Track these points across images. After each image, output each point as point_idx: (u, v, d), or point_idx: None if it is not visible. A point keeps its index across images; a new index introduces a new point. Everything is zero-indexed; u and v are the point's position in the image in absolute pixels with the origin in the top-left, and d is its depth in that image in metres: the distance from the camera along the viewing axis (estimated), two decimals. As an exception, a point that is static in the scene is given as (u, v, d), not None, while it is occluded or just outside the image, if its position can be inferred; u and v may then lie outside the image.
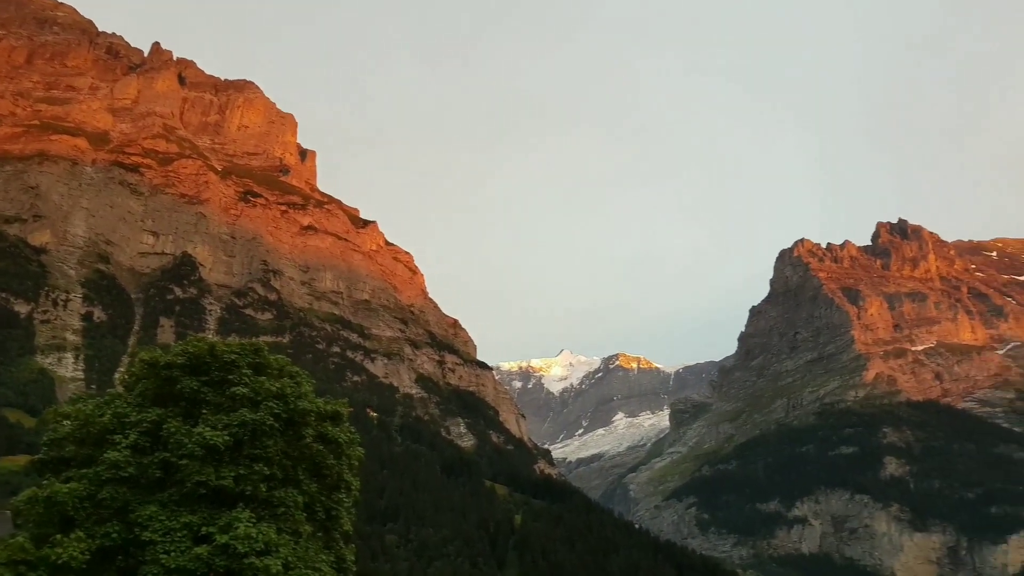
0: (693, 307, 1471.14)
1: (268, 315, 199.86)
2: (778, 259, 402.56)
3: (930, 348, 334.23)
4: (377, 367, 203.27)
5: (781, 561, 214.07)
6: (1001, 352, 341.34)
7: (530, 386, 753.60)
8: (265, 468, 26.71)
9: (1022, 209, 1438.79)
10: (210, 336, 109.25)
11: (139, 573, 24.47)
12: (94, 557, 24.38)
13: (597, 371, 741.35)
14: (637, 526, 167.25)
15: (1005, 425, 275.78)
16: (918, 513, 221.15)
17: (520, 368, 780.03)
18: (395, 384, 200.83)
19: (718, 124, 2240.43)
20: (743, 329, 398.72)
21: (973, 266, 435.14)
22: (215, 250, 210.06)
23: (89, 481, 25.72)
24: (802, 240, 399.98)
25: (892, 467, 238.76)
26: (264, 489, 26.62)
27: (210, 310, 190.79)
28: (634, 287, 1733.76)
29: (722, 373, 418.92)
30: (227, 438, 26.26)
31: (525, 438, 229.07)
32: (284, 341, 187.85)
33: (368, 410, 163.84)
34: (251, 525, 24.67)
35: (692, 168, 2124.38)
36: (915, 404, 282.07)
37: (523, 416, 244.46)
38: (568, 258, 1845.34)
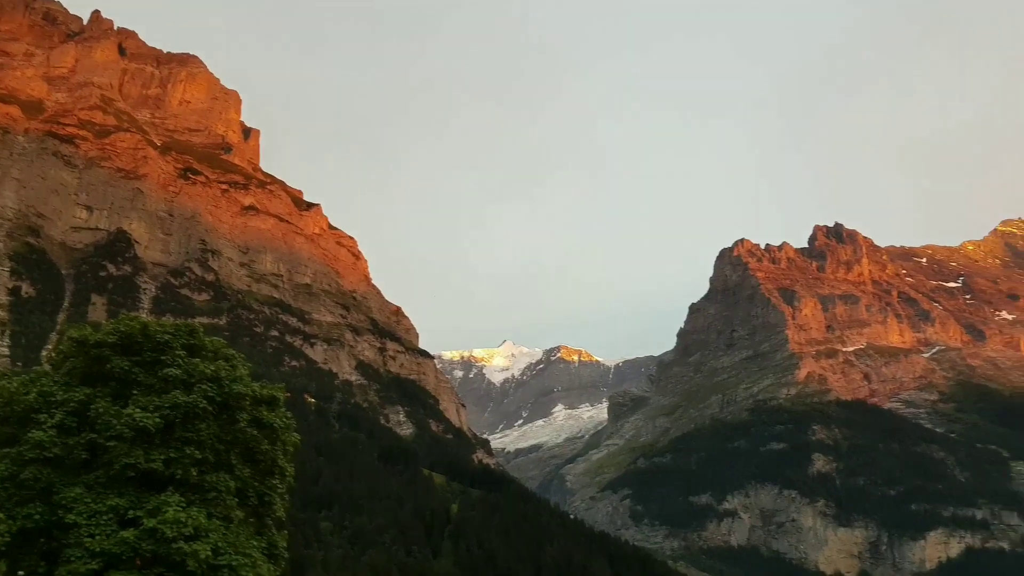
0: (635, 303, 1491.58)
1: (205, 296, 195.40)
2: (718, 258, 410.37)
3: (860, 349, 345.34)
4: (316, 352, 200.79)
5: (711, 553, 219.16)
6: (927, 355, 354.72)
7: (471, 376, 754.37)
8: (197, 452, 26.24)
9: (950, 218, 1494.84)
10: (144, 316, 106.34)
11: (62, 556, 23.84)
12: (15, 539, 23.67)
13: (539, 362, 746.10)
14: (572, 516, 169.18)
15: (927, 426, 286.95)
16: (843, 508, 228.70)
17: (462, 358, 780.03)
18: (334, 370, 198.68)
19: (667, 126, 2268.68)
20: (683, 325, 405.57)
21: (904, 271, 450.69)
22: (152, 227, 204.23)
23: (11, 461, 24.93)
24: (742, 240, 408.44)
25: (820, 464, 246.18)
26: (195, 473, 26.16)
27: (144, 289, 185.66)
28: (579, 280, 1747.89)
29: (660, 368, 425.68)
30: (158, 420, 25.72)
31: (465, 428, 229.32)
32: (221, 323, 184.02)
33: (306, 396, 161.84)
34: (180, 509, 24.24)
35: (639, 168, 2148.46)
36: (844, 403, 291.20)
37: (463, 406, 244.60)
38: (514, 249, 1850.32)
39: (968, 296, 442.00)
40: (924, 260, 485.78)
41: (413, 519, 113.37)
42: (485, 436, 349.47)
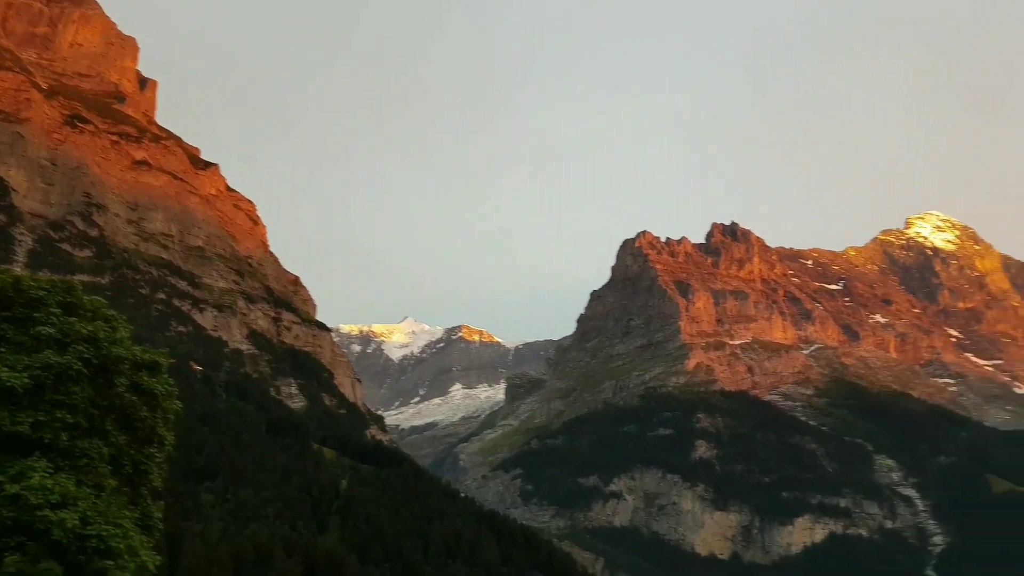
0: (539, 287, 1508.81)
1: (87, 252, 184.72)
2: (621, 248, 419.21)
3: (746, 343, 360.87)
4: (206, 319, 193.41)
5: (594, 533, 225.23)
6: (806, 352, 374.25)
7: (370, 351, 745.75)
8: (68, 416, 24.65)
9: (836, 223, 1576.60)
10: (18, 269, 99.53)
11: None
12: None
13: (439, 341, 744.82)
14: (463, 495, 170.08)
15: (802, 418, 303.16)
16: (720, 493, 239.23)
17: (361, 332, 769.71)
18: (224, 338, 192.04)
19: (586, 114, 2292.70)
20: (583, 311, 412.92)
21: (790, 272, 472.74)
22: (32, 175, 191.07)
23: None
24: (644, 232, 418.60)
25: (702, 450, 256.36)
26: (66, 438, 24.59)
27: (20, 241, 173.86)
28: (484, 262, 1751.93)
29: (559, 352, 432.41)
30: (27, 380, 24.00)
31: (359, 403, 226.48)
32: (103, 282, 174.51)
33: (192, 363, 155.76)
34: (47, 476, 22.74)
35: (552, 153, 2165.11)
36: (728, 394, 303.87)
37: (359, 380, 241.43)
38: (421, 226, 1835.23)
39: (847, 299, 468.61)
40: (810, 262, 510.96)
41: (300, 494, 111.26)
42: (380, 412, 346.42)
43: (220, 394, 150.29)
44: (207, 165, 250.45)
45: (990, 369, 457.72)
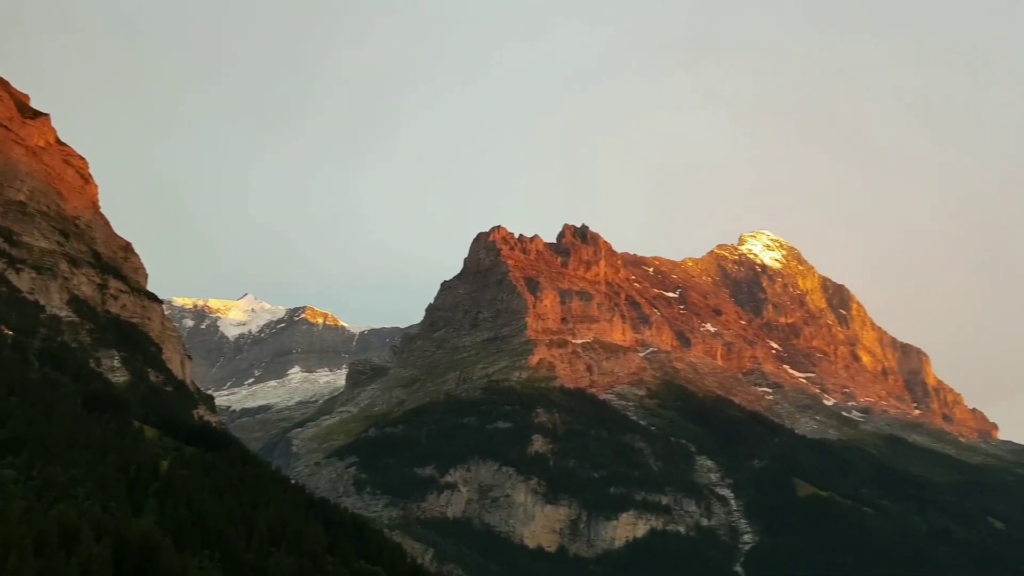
0: (390, 273, 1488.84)
1: None
2: (475, 241, 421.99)
3: (587, 343, 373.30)
4: (22, 280, 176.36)
5: (426, 523, 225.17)
6: (642, 355, 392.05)
7: (203, 327, 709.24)
8: None
9: (677, 235, 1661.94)
10: None
11: None
12: None
13: (280, 321, 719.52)
14: (294, 481, 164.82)
15: (634, 418, 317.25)
16: (552, 487, 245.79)
17: (195, 306, 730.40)
18: (42, 302, 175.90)
19: (456, 106, 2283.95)
20: (432, 301, 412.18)
21: (633, 277, 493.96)
22: None
23: None
24: (499, 227, 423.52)
25: (538, 444, 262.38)
26: None
27: None
28: (333, 243, 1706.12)
29: (405, 340, 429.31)
30: None
31: (188, 381, 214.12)
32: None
33: (3, 327, 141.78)
34: None
35: (418, 138, 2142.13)
36: (567, 391, 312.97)
37: (189, 357, 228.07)
38: (266, 201, 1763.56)
39: (682, 307, 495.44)
40: (651, 269, 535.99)
41: (115, 473, 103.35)
42: (211, 392, 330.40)
43: (33, 363, 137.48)
44: (37, 114, 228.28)
45: (803, 381, 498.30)
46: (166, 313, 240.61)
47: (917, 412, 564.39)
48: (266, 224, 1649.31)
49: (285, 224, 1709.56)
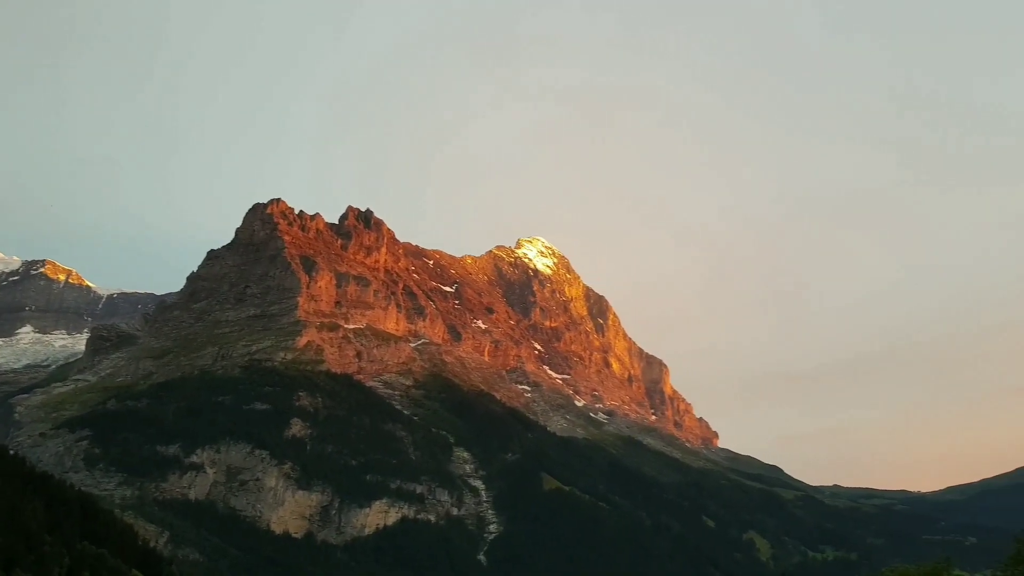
0: (148, 233, 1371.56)
1: None
2: (251, 211, 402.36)
3: (359, 329, 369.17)
4: None
5: (165, 505, 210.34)
6: (413, 345, 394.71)
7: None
8: None
9: (460, 231, 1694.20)
10: None
11: None
12: None
13: (14, 273, 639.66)
14: (13, 453, 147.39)
15: (398, 407, 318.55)
16: (306, 473, 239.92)
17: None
18: None
19: (236, 65, 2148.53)
20: (196, 270, 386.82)
21: (412, 268, 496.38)
22: None
23: None
24: (279, 200, 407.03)
25: (297, 428, 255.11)
26: None
27: None
28: (83, 191, 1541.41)
29: (160, 308, 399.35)
30: None
31: None
32: None
33: None
34: None
35: (186, 86, 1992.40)
36: (333, 375, 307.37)
37: None
38: (23, 134, 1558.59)
39: (457, 302, 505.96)
40: (431, 262, 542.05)
41: None
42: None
43: None
44: None
45: (560, 382, 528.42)
46: None
47: (654, 418, 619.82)
48: (10, 163, 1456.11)
49: (22, 166, 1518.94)
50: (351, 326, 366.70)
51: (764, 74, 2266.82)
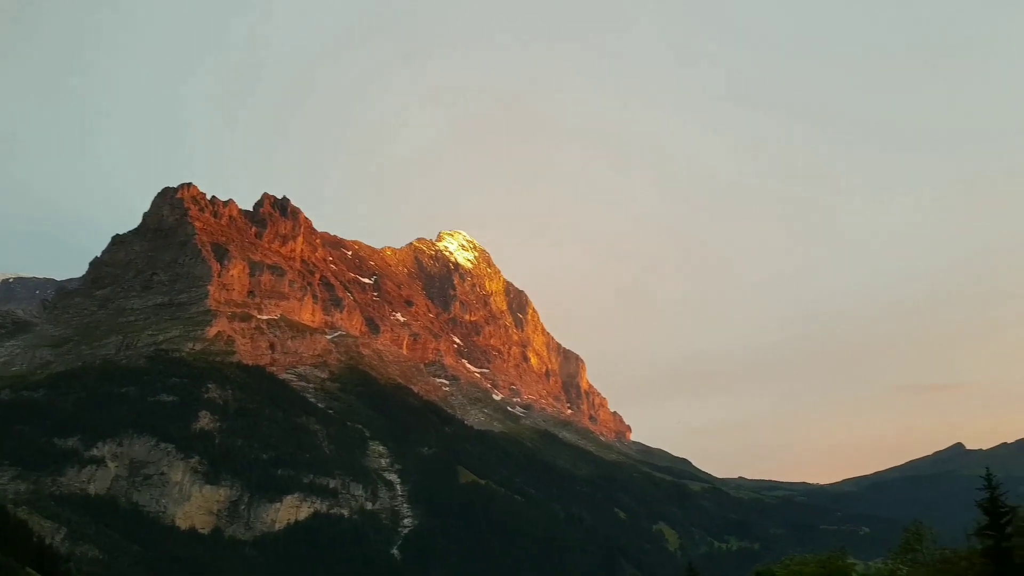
0: (47, 215, 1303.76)
1: None
2: (160, 195, 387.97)
3: (273, 320, 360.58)
4: None
5: (62, 500, 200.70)
6: (329, 337, 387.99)
7: None
8: None
9: (380, 221, 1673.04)
10: None
11: None
12: None
13: None
14: None
15: (312, 400, 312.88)
16: (214, 467, 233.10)
17: None
18: None
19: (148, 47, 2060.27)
20: (99, 255, 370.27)
21: (331, 258, 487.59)
22: None
23: None
24: (190, 185, 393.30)
25: (205, 421, 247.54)
26: None
27: None
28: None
29: (61, 294, 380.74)
30: None
31: None
32: None
33: None
34: None
35: (87, 63, 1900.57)
36: (244, 367, 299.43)
37: None
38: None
39: (376, 293, 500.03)
40: (350, 253, 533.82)
41: None
42: None
43: None
44: None
45: (478, 376, 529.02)
46: None
47: (569, 412, 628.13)
48: None
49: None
50: (264, 317, 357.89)
51: (668, 73, 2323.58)
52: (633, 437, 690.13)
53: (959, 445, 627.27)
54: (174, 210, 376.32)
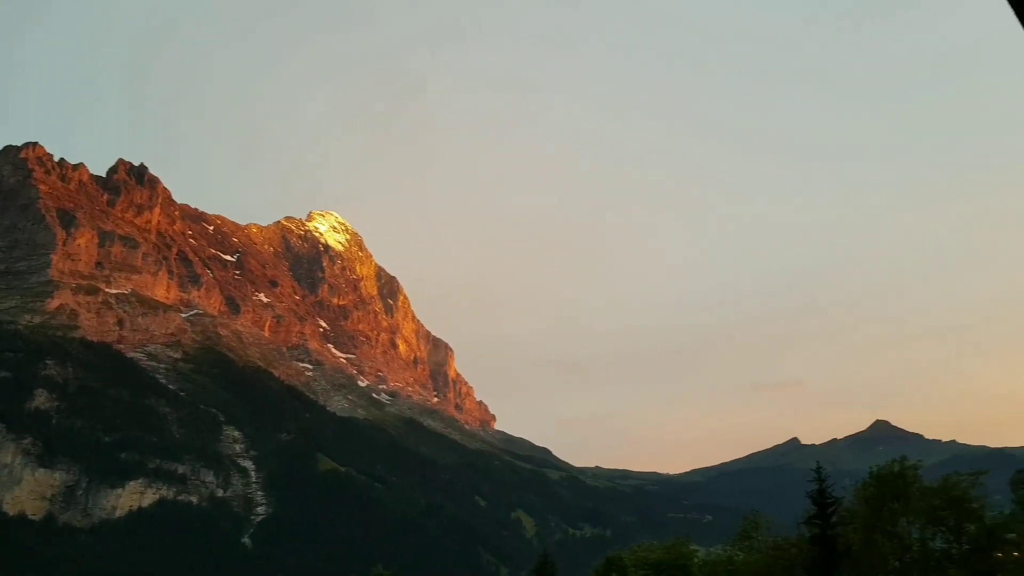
0: None
1: None
2: (1, 153, 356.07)
3: (123, 294, 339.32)
4: None
5: None
6: (184, 315, 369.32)
7: None
8: None
9: (247, 197, 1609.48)
10: None
11: None
12: None
13: None
14: None
15: (163, 381, 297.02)
16: (49, 449, 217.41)
17: None
18: None
19: None
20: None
21: (190, 232, 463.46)
22: None
23: None
24: (36, 144, 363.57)
25: (41, 400, 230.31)
26: None
27: None
28: None
29: None
30: None
31: None
32: None
33: None
34: None
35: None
36: (88, 343, 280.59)
37: None
38: None
39: (238, 272, 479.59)
40: (212, 228, 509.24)
41: None
42: None
43: None
44: None
45: (344, 361, 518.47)
46: None
47: (436, 400, 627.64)
48: None
49: None
50: (114, 291, 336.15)
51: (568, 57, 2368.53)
52: (498, 426, 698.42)
53: (795, 440, 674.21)
54: (16, 170, 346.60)
